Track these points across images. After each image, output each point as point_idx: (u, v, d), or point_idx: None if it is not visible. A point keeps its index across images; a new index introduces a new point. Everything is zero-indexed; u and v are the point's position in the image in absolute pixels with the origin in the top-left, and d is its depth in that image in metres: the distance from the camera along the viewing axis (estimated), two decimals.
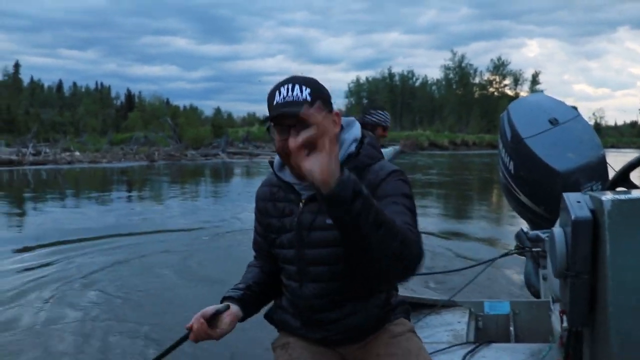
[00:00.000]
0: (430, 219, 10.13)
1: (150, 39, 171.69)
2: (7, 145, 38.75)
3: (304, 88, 1.55)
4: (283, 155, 1.61)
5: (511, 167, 3.47)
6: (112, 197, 15.86)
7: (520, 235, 3.88)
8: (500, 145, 3.59)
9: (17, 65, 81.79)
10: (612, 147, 63.33)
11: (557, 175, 3.18)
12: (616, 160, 3.45)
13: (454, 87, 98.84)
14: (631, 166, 2.22)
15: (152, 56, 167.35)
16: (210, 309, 1.64)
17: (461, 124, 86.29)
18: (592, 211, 1.49)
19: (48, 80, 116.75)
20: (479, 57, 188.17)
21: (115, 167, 29.87)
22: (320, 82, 1.64)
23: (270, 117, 1.57)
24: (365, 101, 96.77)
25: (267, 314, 1.89)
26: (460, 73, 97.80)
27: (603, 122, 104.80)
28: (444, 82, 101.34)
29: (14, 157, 31.97)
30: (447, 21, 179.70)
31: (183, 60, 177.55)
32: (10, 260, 7.15)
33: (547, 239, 1.76)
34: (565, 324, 1.79)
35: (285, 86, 1.56)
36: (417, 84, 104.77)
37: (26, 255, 7.44)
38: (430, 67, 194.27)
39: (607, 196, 1.45)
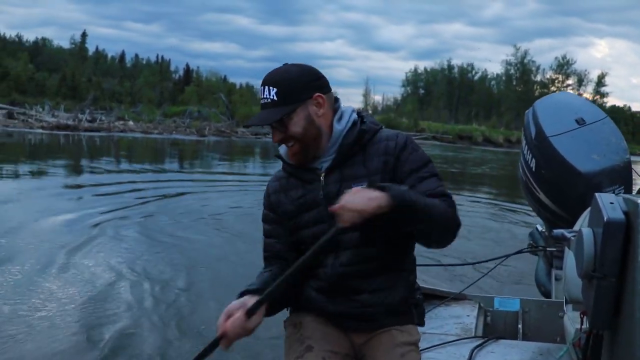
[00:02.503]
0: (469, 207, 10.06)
1: (213, 16, 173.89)
2: (67, 110, 40.18)
3: (271, 89, 1.68)
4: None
5: (532, 164, 3.41)
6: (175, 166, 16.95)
7: (534, 234, 3.83)
8: (523, 142, 3.52)
9: (84, 35, 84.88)
10: None
11: (580, 176, 3.11)
12: None
13: (514, 83, 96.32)
14: None
15: (214, 33, 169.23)
16: (234, 304, 1.56)
17: (518, 121, 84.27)
18: (626, 213, 1.47)
19: (112, 51, 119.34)
20: (543, 54, 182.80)
21: (166, 139, 30.55)
22: (312, 67, 1.76)
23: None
24: (421, 92, 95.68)
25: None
26: (522, 69, 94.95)
27: None
28: (503, 78, 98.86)
29: (70, 122, 33.16)
30: (513, 15, 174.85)
31: (244, 38, 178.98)
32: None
33: (572, 238, 1.72)
34: (585, 326, 1.77)
35: (262, 87, 1.71)
36: (476, 77, 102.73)
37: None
38: (491, 61, 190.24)
39: None
